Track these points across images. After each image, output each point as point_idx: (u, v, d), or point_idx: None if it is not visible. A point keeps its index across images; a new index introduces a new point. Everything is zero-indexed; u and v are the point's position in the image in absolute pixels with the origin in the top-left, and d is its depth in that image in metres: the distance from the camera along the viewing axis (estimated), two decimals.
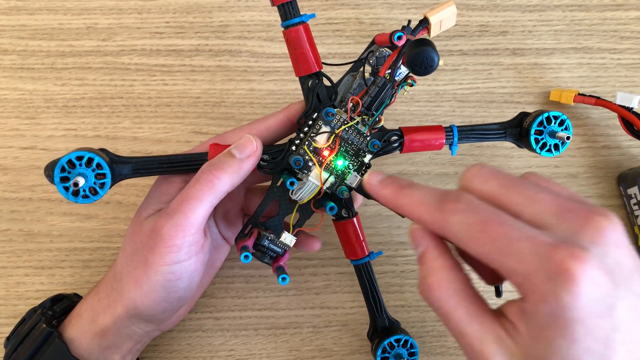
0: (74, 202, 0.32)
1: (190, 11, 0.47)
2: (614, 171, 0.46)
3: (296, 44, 0.34)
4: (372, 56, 0.35)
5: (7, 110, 0.45)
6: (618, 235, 0.23)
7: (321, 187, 0.35)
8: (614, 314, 0.22)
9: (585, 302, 0.21)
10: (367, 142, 0.35)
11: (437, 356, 0.44)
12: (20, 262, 0.44)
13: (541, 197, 0.24)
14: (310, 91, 0.35)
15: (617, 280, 0.22)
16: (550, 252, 0.22)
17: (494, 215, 0.24)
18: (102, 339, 0.34)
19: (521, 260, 0.22)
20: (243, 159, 0.33)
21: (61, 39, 0.46)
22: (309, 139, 0.35)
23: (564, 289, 0.21)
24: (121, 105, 0.46)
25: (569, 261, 0.21)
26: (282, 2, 0.34)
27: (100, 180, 0.32)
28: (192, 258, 0.33)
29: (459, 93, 0.47)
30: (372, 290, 0.39)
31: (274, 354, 0.44)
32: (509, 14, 0.48)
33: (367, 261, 0.38)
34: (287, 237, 0.35)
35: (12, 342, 0.36)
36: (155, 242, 0.32)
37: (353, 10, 0.47)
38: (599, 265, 0.22)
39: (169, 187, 0.35)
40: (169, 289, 0.33)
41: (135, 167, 0.34)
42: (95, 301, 0.35)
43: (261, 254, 0.35)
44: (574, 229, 0.23)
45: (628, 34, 0.48)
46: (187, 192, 0.32)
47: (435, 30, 0.32)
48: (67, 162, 0.31)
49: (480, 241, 0.24)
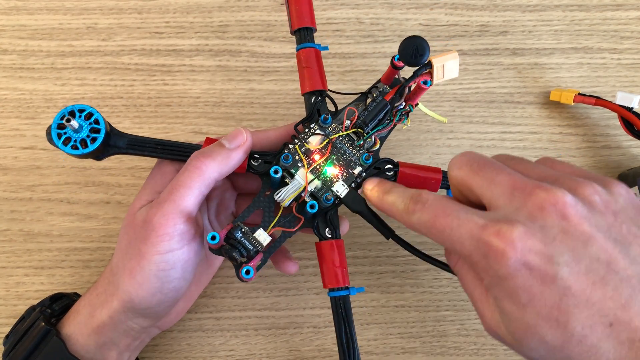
0: (62, 150, 0.33)
1: (190, 11, 0.47)
2: (614, 171, 0.46)
3: (306, 62, 0.36)
4: (376, 91, 0.37)
5: (7, 110, 0.45)
6: (561, 206, 0.24)
7: (305, 186, 0.34)
8: (557, 280, 0.23)
9: (519, 270, 0.24)
10: (360, 154, 0.35)
11: (437, 356, 0.44)
12: (20, 262, 0.44)
13: (499, 179, 0.26)
14: (313, 105, 0.36)
15: (559, 247, 0.23)
16: (480, 232, 0.25)
17: (442, 209, 0.27)
18: (99, 335, 0.34)
19: (462, 245, 0.25)
20: (232, 148, 0.34)
21: (61, 39, 0.46)
22: (302, 140, 0.35)
23: (496, 262, 0.24)
24: (121, 105, 0.46)
25: (492, 238, 0.24)
26: (300, 27, 0.36)
27: (93, 134, 0.33)
28: (185, 247, 0.33)
29: (459, 93, 0.47)
30: (346, 331, 0.34)
31: (274, 354, 0.44)
32: (509, 14, 0.48)
33: (345, 295, 0.35)
34: (261, 235, 0.33)
35: (10, 339, 0.36)
36: (147, 231, 0.32)
37: (353, 10, 0.47)
38: (530, 236, 0.24)
39: (162, 178, 0.36)
40: (162, 278, 0.33)
41: (130, 142, 0.35)
42: (94, 297, 0.35)
43: (231, 248, 0.32)
44: (516, 206, 0.25)
45: (628, 34, 0.48)
46: (175, 180, 0.33)
47: (438, 75, 0.33)
48: (69, 112, 0.33)
49: (434, 234, 0.27)
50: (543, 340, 0.24)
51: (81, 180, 0.45)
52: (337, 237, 0.36)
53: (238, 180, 0.41)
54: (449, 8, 0.47)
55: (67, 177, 0.45)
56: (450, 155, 0.46)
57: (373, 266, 0.45)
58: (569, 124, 0.47)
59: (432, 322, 0.44)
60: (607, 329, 0.23)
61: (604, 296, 0.23)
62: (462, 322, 0.44)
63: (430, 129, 0.46)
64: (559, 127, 0.47)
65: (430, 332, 0.44)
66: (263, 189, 0.35)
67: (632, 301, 0.23)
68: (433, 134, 0.46)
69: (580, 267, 0.23)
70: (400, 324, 0.44)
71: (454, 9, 0.47)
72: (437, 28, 0.47)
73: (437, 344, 0.44)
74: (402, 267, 0.45)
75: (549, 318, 0.23)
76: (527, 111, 0.47)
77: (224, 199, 0.41)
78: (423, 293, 0.45)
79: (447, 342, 0.44)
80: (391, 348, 0.44)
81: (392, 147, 0.46)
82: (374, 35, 0.47)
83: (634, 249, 0.24)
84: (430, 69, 0.32)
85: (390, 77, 0.36)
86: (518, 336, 0.25)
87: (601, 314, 0.23)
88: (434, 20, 0.47)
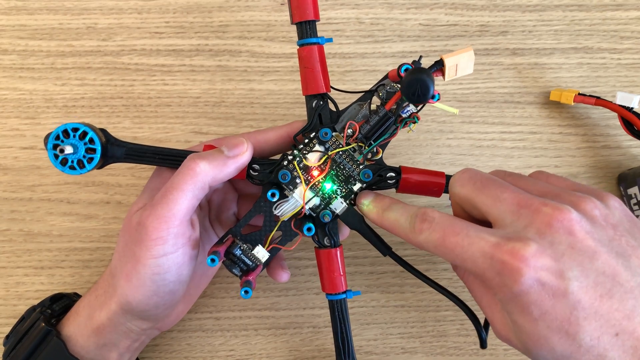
0: (61, 171, 0.33)
1: (190, 11, 0.47)
2: (614, 171, 0.46)
3: (307, 62, 0.35)
4: (383, 89, 0.35)
5: (7, 110, 0.45)
6: (568, 222, 0.25)
7: (303, 205, 0.34)
8: (568, 294, 0.24)
9: (532, 287, 0.24)
10: (360, 170, 0.35)
11: (437, 356, 0.44)
12: (20, 262, 0.44)
13: (505, 196, 0.27)
14: (314, 110, 0.35)
15: (568, 263, 0.25)
16: (493, 250, 0.25)
17: (450, 228, 0.27)
18: (98, 336, 0.34)
19: (475, 263, 0.26)
20: (230, 156, 0.33)
21: (61, 39, 0.46)
22: (300, 155, 0.35)
23: (511, 279, 0.25)
24: (121, 105, 0.46)
25: (506, 257, 0.25)
26: (301, 20, 0.34)
27: (89, 154, 0.33)
28: (179, 250, 0.32)
29: (459, 93, 0.47)
30: (342, 331, 0.36)
31: (274, 354, 0.44)
32: (509, 14, 0.48)
33: (342, 299, 0.36)
34: (260, 251, 0.34)
35: (11, 340, 0.36)
36: (141, 235, 0.32)
37: (353, 10, 0.47)
38: (542, 253, 0.25)
39: (161, 182, 0.36)
40: (158, 282, 0.32)
41: (128, 151, 0.35)
42: (93, 298, 0.35)
43: (231, 263, 0.34)
44: (525, 224, 0.26)
45: (628, 34, 0.48)
46: (169, 183, 0.33)
47: (450, 73, 0.31)
48: (63, 132, 0.33)
49: (443, 252, 0.27)
50: (553, 351, 0.25)
51: (81, 180, 0.45)
52: (335, 246, 0.36)
53: (239, 182, 0.41)
54: (449, 8, 0.47)
55: (67, 177, 0.45)
56: (451, 155, 0.46)
57: (373, 266, 0.45)
58: (569, 124, 0.47)
59: (432, 322, 0.44)
60: (613, 338, 0.24)
61: (610, 308, 0.24)
62: (462, 322, 0.44)
63: (430, 129, 0.46)
64: (559, 127, 0.47)
65: (430, 332, 0.44)
66: (263, 195, 0.35)
67: (635, 311, 0.24)
68: (433, 134, 0.46)
69: (589, 281, 0.24)
70: (400, 324, 0.44)
71: (454, 9, 0.47)
72: (437, 28, 0.47)
73: (437, 344, 0.44)
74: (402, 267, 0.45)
75: (559, 330, 0.25)
76: (527, 111, 0.47)
77: (226, 200, 0.41)
78: (423, 293, 0.45)
79: (447, 342, 0.44)
80: (391, 348, 0.44)
81: (392, 147, 0.46)
82: (374, 35, 0.47)
83: (633, 261, 0.25)
84: (442, 67, 0.31)
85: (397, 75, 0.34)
86: (529, 346, 0.26)
87: (608, 325, 0.24)
88: (434, 20, 0.47)
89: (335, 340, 0.36)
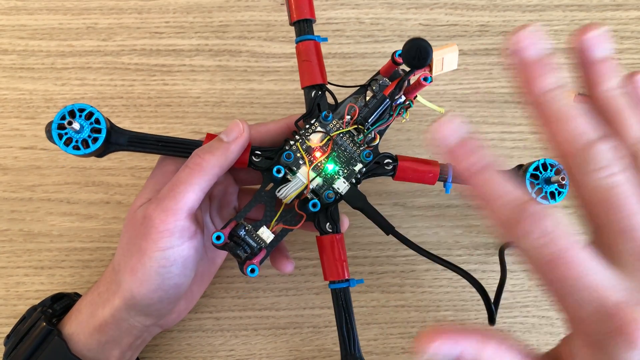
0: (64, 150, 0.33)
1: (190, 11, 0.47)
2: None
3: (305, 55, 0.36)
4: (376, 84, 0.37)
5: (7, 110, 0.45)
6: None
7: (307, 184, 0.35)
8: None
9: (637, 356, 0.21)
10: (360, 151, 0.36)
11: None
12: (20, 262, 0.44)
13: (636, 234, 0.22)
14: (313, 100, 0.36)
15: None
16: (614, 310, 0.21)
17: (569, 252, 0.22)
18: (101, 333, 0.34)
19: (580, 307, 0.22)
20: (230, 141, 0.34)
21: (61, 39, 0.46)
22: (303, 137, 0.35)
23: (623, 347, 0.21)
24: (121, 105, 0.46)
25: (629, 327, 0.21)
26: (299, 19, 0.36)
27: (94, 134, 0.34)
28: (185, 243, 0.33)
29: (459, 93, 0.47)
30: (347, 321, 0.35)
31: (274, 354, 0.44)
32: (509, 14, 0.48)
33: (345, 287, 0.36)
34: (264, 232, 0.35)
35: (12, 340, 0.36)
36: (147, 228, 0.32)
37: (353, 10, 0.47)
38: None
39: (163, 177, 0.36)
40: (163, 275, 0.33)
41: (131, 139, 0.35)
42: (95, 295, 0.35)
43: (235, 245, 0.34)
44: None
45: (628, 34, 0.48)
46: (176, 177, 0.33)
47: (437, 68, 0.33)
48: (69, 112, 0.33)
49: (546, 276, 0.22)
50: None
51: (81, 180, 0.45)
52: (337, 232, 0.36)
53: (239, 173, 0.41)
54: (449, 8, 0.47)
55: (67, 177, 0.45)
56: None
57: (373, 266, 0.45)
58: None
59: (432, 322, 0.44)
60: None
61: None
62: (462, 322, 0.44)
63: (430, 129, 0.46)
64: None
65: None
66: (264, 184, 0.36)
67: None
68: None
69: None
70: (400, 324, 0.44)
71: (454, 9, 0.47)
72: (437, 28, 0.47)
73: None
74: (402, 267, 0.45)
75: None
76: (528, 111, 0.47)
77: (227, 195, 0.41)
78: (423, 293, 0.45)
79: None
80: (391, 348, 0.44)
81: (392, 147, 0.46)
82: (374, 35, 0.47)
83: None
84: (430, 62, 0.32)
85: (389, 71, 0.37)
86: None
87: None
88: (434, 20, 0.47)
89: (340, 331, 0.35)
